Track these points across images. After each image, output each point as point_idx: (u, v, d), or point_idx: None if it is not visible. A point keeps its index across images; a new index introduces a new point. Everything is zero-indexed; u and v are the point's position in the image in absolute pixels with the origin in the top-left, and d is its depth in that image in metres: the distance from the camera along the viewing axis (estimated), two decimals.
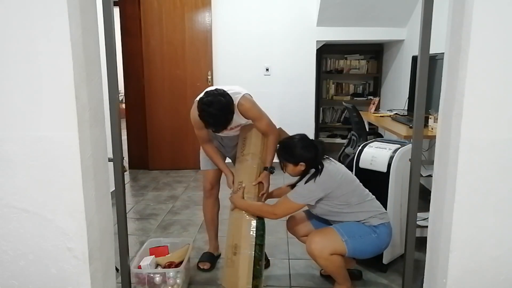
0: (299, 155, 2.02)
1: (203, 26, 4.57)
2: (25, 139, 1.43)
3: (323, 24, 4.60)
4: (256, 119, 2.24)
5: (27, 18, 1.35)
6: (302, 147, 2.03)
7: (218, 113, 2.00)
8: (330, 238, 2.02)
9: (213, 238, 2.60)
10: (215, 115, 2.00)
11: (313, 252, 2.02)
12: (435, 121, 2.76)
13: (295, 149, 2.03)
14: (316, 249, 2.01)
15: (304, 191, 2.03)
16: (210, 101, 2.00)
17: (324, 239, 2.02)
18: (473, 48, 1.33)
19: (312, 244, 2.02)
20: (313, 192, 2.02)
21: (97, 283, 1.58)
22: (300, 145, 2.04)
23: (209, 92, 2.07)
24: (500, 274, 1.49)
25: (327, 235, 2.04)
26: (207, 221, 2.58)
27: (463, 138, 1.39)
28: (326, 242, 2.01)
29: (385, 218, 2.09)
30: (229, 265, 2.09)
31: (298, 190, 2.05)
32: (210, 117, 2.01)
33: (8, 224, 1.50)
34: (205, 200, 2.56)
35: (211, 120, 2.02)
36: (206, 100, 2.01)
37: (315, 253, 2.01)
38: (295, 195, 2.04)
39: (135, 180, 4.50)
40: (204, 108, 2.00)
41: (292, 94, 4.78)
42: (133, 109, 4.84)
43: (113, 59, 1.64)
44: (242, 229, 2.11)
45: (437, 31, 1.66)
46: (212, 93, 2.05)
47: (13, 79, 1.39)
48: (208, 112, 1.99)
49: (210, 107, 1.98)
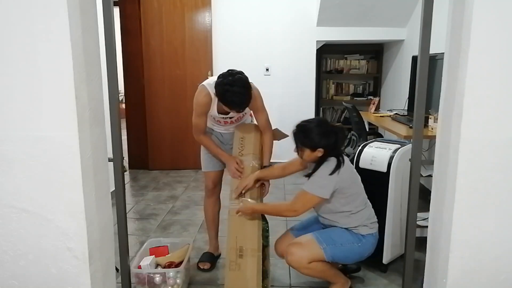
0: (318, 140, 1.91)
1: (203, 26, 4.57)
2: (25, 139, 1.43)
3: (323, 24, 4.60)
4: (259, 110, 2.26)
5: (27, 18, 1.35)
6: (321, 132, 1.92)
7: (242, 90, 2.00)
8: (307, 247, 1.98)
9: (213, 238, 2.59)
10: (239, 93, 1.99)
11: (291, 263, 2.00)
12: (435, 121, 2.76)
13: (313, 134, 1.92)
14: (293, 260, 1.98)
15: (325, 181, 1.91)
16: (232, 80, 2.00)
17: (300, 249, 1.98)
18: (473, 48, 1.34)
19: (289, 256, 1.98)
20: (333, 184, 1.92)
21: (97, 283, 1.58)
22: (319, 130, 1.92)
23: (226, 74, 2.05)
24: (500, 274, 1.49)
25: (304, 245, 1.99)
26: (208, 220, 2.58)
27: (463, 138, 1.39)
28: (303, 251, 1.97)
29: (374, 227, 2.06)
30: (235, 269, 2.04)
31: (319, 181, 1.93)
32: (235, 96, 1.99)
33: (8, 224, 1.50)
34: (206, 199, 2.55)
35: (236, 99, 2.00)
36: (227, 80, 2.00)
37: (294, 264, 1.99)
38: (315, 187, 1.92)
39: (135, 180, 4.50)
40: (227, 89, 1.98)
41: (292, 94, 4.78)
42: (133, 109, 4.84)
43: (113, 59, 1.64)
44: (246, 231, 2.09)
45: (437, 31, 1.66)
46: (230, 73, 2.04)
47: (13, 79, 1.39)
48: (233, 92, 1.98)
49: (234, 86, 1.98)
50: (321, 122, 1.98)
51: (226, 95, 2.00)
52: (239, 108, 2.08)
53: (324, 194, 1.92)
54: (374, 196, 2.38)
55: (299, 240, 2.04)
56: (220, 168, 2.48)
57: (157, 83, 4.67)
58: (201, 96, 2.18)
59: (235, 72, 2.06)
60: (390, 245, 2.38)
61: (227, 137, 2.44)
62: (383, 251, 2.37)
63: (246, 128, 2.38)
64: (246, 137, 2.33)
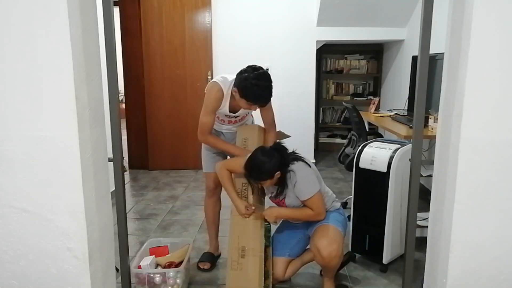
0: (271, 168, 1.94)
1: (203, 26, 4.57)
2: (25, 139, 1.43)
3: (323, 24, 4.60)
4: (268, 108, 2.28)
5: (27, 18, 1.35)
6: (268, 159, 1.93)
7: (269, 84, 2.05)
8: (334, 234, 2.03)
9: (213, 238, 2.59)
10: (267, 87, 2.04)
11: (331, 255, 1.99)
12: (435, 121, 2.76)
13: (264, 166, 1.93)
14: (333, 250, 1.99)
15: (310, 178, 2.00)
16: (258, 75, 2.04)
17: (332, 238, 2.01)
18: (473, 48, 1.33)
19: (328, 248, 1.98)
20: (314, 175, 2.02)
21: (97, 283, 1.58)
22: (265, 158, 1.93)
23: (249, 69, 2.08)
24: (500, 274, 1.49)
25: (330, 233, 2.03)
26: (209, 220, 2.57)
27: (463, 138, 1.39)
28: (335, 240, 2.01)
29: (338, 201, 2.23)
30: (236, 268, 2.04)
31: (306, 182, 1.99)
32: (262, 90, 2.03)
33: (8, 224, 1.50)
34: (207, 199, 2.54)
35: (264, 93, 2.04)
36: (253, 75, 2.03)
37: (333, 254, 1.99)
38: (311, 188, 1.99)
39: (135, 180, 4.50)
40: (255, 83, 2.01)
41: (292, 94, 4.78)
42: (133, 109, 4.84)
43: (113, 59, 1.64)
44: (249, 231, 2.09)
45: (437, 31, 1.66)
46: (253, 69, 2.08)
47: (13, 79, 1.39)
48: (260, 86, 2.01)
49: (260, 80, 2.02)
50: (262, 151, 1.98)
51: (253, 89, 2.02)
52: (266, 102, 2.12)
53: (318, 187, 2.02)
54: (374, 196, 2.39)
55: (323, 233, 2.04)
56: None
57: (157, 83, 4.67)
58: (214, 91, 2.18)
59: (257, 67, 2.10)
60: (390, 245, 2.38)
61: (228, 136, 2.44)
62: (383, 251, 2.38)
63: (249, 129, 2.39)
64: (249, 138, 2.33)
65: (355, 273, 2.41)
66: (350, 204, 2.71)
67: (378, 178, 2.34)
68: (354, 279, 2.36)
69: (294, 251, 2.19)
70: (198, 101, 2.28)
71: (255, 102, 2.09)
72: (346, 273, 2.40)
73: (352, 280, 2.34)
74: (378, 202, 2.36)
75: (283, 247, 2.18)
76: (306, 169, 2.01)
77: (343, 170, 4.50)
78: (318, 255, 2.02)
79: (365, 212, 2.44)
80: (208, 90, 2.22)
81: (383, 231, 2.36)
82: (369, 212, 2.43)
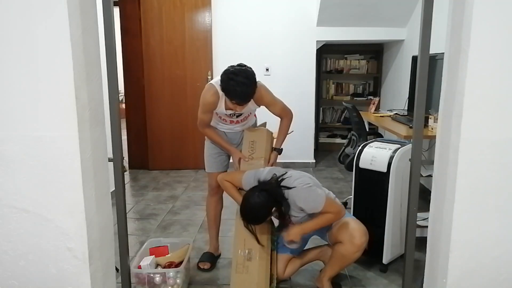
0: (266, 211, 1.95)
1: (203, 26, 4.57)
2: (25, 139, 1.43)
3: (323, 24, 4.60)
4: (272, 104, 2.30)
5: (27, 18, 1.35)
6: (261, 202, 1.93)
7: (246, 81, 2.03)
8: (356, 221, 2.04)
9: (214, 238, 2.59)
10: (243, 83, 2.02)
11: (363, 245, 1.99)
12: (435, 121, 2.76)
13: (259, 210, 1.94)
14: (365, 242, 2.00)
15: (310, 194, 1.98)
16: (238, 70, 2.05)
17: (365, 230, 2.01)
18: (473, 48, 1.34)
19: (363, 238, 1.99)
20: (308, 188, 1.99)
21: (97, 283, 1.58)
22: (259, 201, 1.93)
23: (234, 65, 2.12)
24: (500, 274, 1.49)
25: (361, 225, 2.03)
26: (210, 219, 2.57)
27: (463, 138, 1.39)
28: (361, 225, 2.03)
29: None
30: (242, 272, 2.04)
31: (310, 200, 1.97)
32: (238, 86, 2.01)
33: (8, 224, 1.50)
34: (209, 197, 2.55)
35: (239, 89, 2.02)
36: (233, 70, 2.06)
37: (364, 245, 2.00)
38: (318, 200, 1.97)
39: (135, 180, 4.50)
40: (231, 77, 2.02)
41: (292, 94, 4.76)
42: (133, 109, 4.84)
43: (113, 59, 1.64)
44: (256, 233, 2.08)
45: (437, 31, 1.66)
46: (238, 65, 2.11)
47: (13, 79, 1.39)
48: (236, 81, 2.01)
49: (238, 75, 2.02)
50: (250, 198, 1.95)
51: (229, 83, 2.03)
52: (241, 100, 2.09)
53: (322, 192, 2.02)
54: (374, 196, 2.39)
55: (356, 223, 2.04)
56: (224, 169, 2.50)
57: (157, 83, 4.66)
58: (208, 95, 2.20)
59: (242, 65, 2.12)
60: (390, 245, 2.38)
61: (231, 136, 2.45)
62: (383, 251, 2.38)
63: (257, 132, 2.39)
64: (257, 141, 2.33)
65: (355, 273, 2.41)
66: (350, 204, 2.71)
67: (378, 178, 2.34)
68: (354, 279, 2.36)
69: (295, 249, 2.19)
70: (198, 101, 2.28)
71: (230, 97, 2.07)
72: (346, 273, 2.40)
73: (352, 280, 2.34)
74: (378, 202, 2.36)
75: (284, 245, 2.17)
76: (302, 189, 1.97)
77: (343, 170, 4.50)
78: (349, 242, 1.98)
79: (365, 212, 2.44)
80: (203, 93, 2.24)
81: (383, 231, 2.36)
82: (369, 212, 2.43)
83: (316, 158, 5.03)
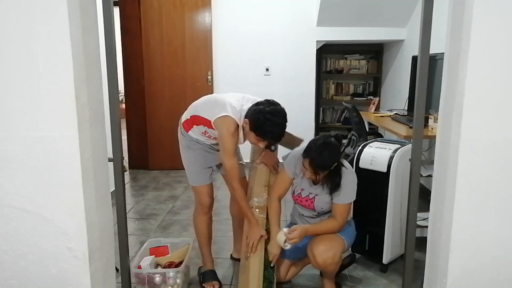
0: (336, 159, 1.93)
1: (203, 26, 4.57)
2: (25, 139, 1.43)
3: (323, 24, 4.60)
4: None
5: (27, 18, 1.35)
6: (332, 152, 1.90)
7: (283, 122, 1.93)
8: (334, 242, 2.02)
9: (209, 255, 2.34)
10: (280, 124, 1.92)
11: (325, 262, 1.98)
12: (435, 121, 2.76)
13: (328, 157, 1.89)
14: (329, 257, 1.97)
15: (352, 186, 2.01)
16: (274, 110, 1.90)
17: (330, 245, 2.00)
18: (473, 48, 1.33)
19: (323, 255, 1.97)
20: (355, 185, 2.03)
21: (97, 283, 1.58)
22: (331, 151, 1.89)
23: (265, 102, 1.96)
24: (500, 274, 1.49)
25: (331, 240, 2.02)
26: (204, 238, 2.30)
27: (463, 138, 1.39)
28: (333, 247, 2.00)
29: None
30: (243, 271, 2.07)
31: (349, 190, 1.99)
32: (276, 126, 1.90)
33: (8, 224, 1.50)
34: (202, 216, 2.26)
35: (277, 130, 1.91)
36: (270, 109, 1.90)
37: (328, 262, 1.98)
38: (349, 196, 2.00)
39: (135, 180, 4.50)
40: (269, 118, 1.88)
41: (292, 94, 4.78)
42: (133, 109, 4.84)
43: (113, 59, 1.64)
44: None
45: (437, 31, 1.66)
46: (271, 103, 1.95)
47: (13, 79, 1.39)
48: (273, 122, 1.89)
49: (275, 115, 1.89)
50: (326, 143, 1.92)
51: (266, 124, 1.89)
52: (276, 140, 2.00)
53: (354, 197, 2.04)
54: (374, 196, 2.39)
55: (323, 239, 2.02)
56: (210, 180, 2.25)
57: (157, 83, 4.67)
58: (233, 129, 1.95)
59: (275, 102, 1.96)
60: (390, 245, 2.38)
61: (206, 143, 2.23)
62: (383, 251, 2.38)
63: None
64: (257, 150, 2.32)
65: (355, 273, 2.41)
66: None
67: (378, 178, 2.34)
68: (354, 279, 2.36)
69: (297, 255, 2.18)
70: None
71: (264, 138, 1.94)
72: (346, 273, 2.40)
73: (352, 280, 2.34)
74: (378, 202, 2.36)
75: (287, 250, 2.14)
76: (353, 174, 2.03)
77: None
78: (313, 260, 2.02)
79: (365, 212, 2.44)
80: (227, 128, 1.95)
81: (383, 231, 2.36)
82: (369, 212, 2.42)
83: None
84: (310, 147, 1.94)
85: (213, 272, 2.31)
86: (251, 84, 4.68)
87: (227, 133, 1.95)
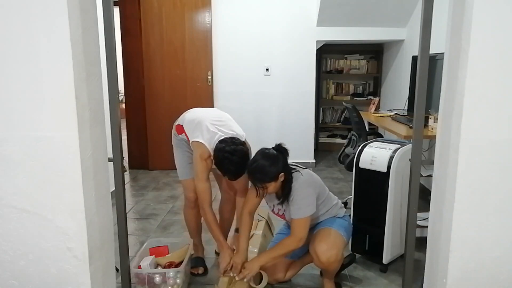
0: (275, 169, 1.88)
1: (203, 26, 4.57)
2: (25, 139, 1.43)
3: (323, 24, 4.60)
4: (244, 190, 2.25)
5: (27, 18, 1.35)
6: (270, 161, 1.89)
7: (240, 161, 1.99)
8: (335, 239, 2.03)
9: (200, 243, 2.54)
10: (238, 163, 1.99)
11: (329, 260, 1.98)
12: (435, 121, 2.76)
13: (266, 167, 1.88)
14: (332, 255, 1.98)
15: (309, 198, 1.96)
16: (234, 149, 2.00)
17: (332, 243, 2.00)
18: (473, 48, 1.34)
19: (327, 253, 1.97)
20: (314, 196, 1.98)
21: (97, 283, 1.58)
22: (268, 161, 1.89)
23: (228, 141, 2.04)
24: (500, 274, 1.49)
25: (331, 238, 2.02)
26: (193, 230, 2.49)
27: (463, 138, 1.39)
28: (335, 245, 2.00)
29: (343, 208, 2.25)
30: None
31: (303, 202, 1.95)
32: (233, 165, 1.99)
33: (8, 224, 1.50)
34: (188, 210, 2.43)
35: (233, 168, 2.00)
36: (229, 148, 2.00)
37: (332, 259, 1.98)
38: (304, 210, 1.94)
39: (135, 180, 4.50)
40: (227, 156, 1.99)
41: (292, 94, 4.78)
42: (133, 109, 4.84)
43: (113, 59, 1.64)
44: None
45: (437, 31, 1.66)
46: (233, 142, 2.04)
47: (14, 79, 1.39)
48: (231, 160, 1.98)
49: (234, 155, 1.98)
50: (263, 153, 1.93)
51: (224, 162, 2.00)
52: (233, 178, 2.08)
53: (313, 210, 1.97)
54: (374, 196, 2.39)
55: (323, 237, 2.03)
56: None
57: (157, 83, 4.67)
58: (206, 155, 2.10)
59: (238, 142, 2.05)
60: (390, 245, 2.38)
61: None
62: (383, 251, 2.38)
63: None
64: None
65: (355, 273, 2.41)
66: (350, 204, 2.71)
67: (378, 178, 2.34)
68: (354, 279, 2.36)
69: (296, 253, 2.19)
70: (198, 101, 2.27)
71: (223, 174, 2.07)
72: (346, 273, 2.40)
73: (352, 280, 2.34)
74: (378, 202, 2.36)
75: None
76: (307, 188, 1.97)
77: (343, 170, 4.50)
78: (317, 259, 2.02)
79: (365, 212, 2.44)
80: (196, 152, 2.12)
81: (383, 231, 2.36)
82: (369, 212, 2.43)
83: (316, 158, 5.03)
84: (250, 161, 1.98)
85: (202, 259, 2.48)
86: (251, 84, 4.69)
87: (200, 159, 2.11)
